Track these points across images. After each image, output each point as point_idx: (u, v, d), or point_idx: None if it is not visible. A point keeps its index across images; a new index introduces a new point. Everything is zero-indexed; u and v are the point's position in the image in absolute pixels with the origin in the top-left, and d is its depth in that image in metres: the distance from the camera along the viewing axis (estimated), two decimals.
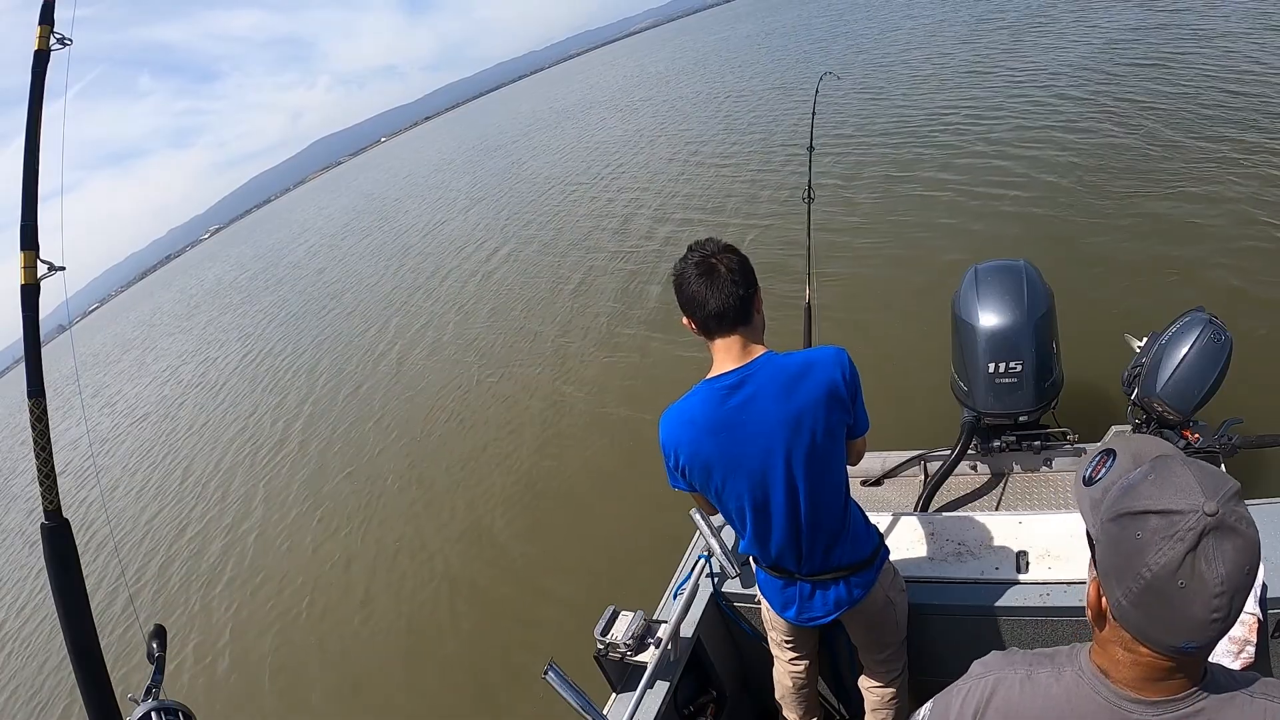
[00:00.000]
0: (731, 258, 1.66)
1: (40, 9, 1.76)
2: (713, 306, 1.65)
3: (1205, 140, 7.11)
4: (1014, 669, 1.04)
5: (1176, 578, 0.80)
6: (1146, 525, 0.82)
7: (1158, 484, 0.84)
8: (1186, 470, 0.84)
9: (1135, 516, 0.83)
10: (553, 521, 5.71)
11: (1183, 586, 0.80)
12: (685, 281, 1.67)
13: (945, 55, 15.20)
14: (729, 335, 1.68)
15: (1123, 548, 0.84)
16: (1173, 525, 0.80)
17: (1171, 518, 0.80)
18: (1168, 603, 0.82)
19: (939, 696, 1.14)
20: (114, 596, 7.61)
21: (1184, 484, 0.82)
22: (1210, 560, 0.79)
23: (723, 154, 14.25)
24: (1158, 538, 0.81)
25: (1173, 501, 0.81)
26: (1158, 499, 0.83)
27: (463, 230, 17.98)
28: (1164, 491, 0.83)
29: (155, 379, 19.85)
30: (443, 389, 9.10)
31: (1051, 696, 0.97)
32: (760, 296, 1.71)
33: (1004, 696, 1.02)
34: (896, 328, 5.98)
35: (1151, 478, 0.85)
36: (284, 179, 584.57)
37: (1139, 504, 0.84)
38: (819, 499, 1.74)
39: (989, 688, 1.04)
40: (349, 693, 4.99)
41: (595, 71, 63.24)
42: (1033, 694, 0.99)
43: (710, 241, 1.69)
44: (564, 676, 1.70)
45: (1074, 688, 0.96)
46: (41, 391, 1.69)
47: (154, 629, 1.75)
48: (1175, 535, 0.80)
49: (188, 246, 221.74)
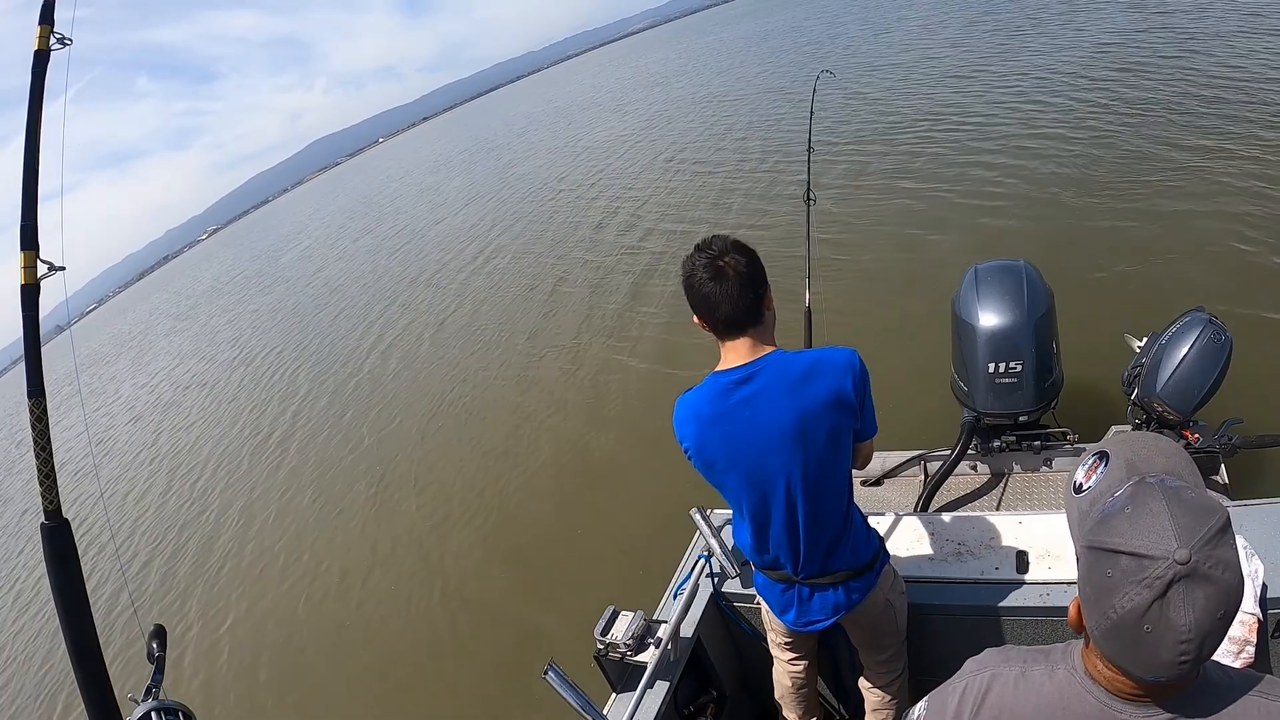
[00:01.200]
0: (740, 259, 1.62)
1: (40, 9, 1.76)
2: (724, 312, 1.63)
3: (1206, 140, 7.11)
4: (1009, 665, 1.04)
5: (1143, 623, 0.79)
6: (1117, 565, 0.81)
7: (1133, 519, 0.82)
8: (1164, 506, 0.81)
9: (1108, 554, 0.82)
10: (552, 521, 5.71)
11: (1149, 631, 0.79)
12: (695, 284, 1.64)
13: (945, 55, 15.20)
14: (740, 336, 1.67)
15: (1094, 580, 0.84)
16: (1142, 570, 0.78)
17: (1142, 562, 0.79)
18: (1135, 643, 0.81)
19: (934, 694, 1.14)
20: (114, 597, 7.60)
21: (1159, 525, 0.79)
22: (1179, 608, 0.77)
23: (721, 156, 14.27)
24: (1126, 581, 0.80)
25: (1144, 544, 0.79)
26: (1130, 539, 0.80)
27: (463, 228, 18.00)
28: (1137, 529, 0.80)
29: (155, 378, 19.83)
30: (442, 389, 9.11)
31: (1045, 694, 0.97)
32: (770, 294, 1.69)
33: (999, 693, 1.02)
34: (896, 328, 5.98)
35: (1128, 511, 0.83)
36: (282, 180, 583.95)
37: (1112, 540, 0.82)
38: (819, 502, 1.73)
39: (984, 684, 1.04)
40: (349, 692, 4.99)
41: (596, 72, 63.22)
42: (1027, 691, 0.99)
43: (718, 240, 1.65)
44: (564, 676, 1.70)
45: (1066, 686, 0.96)
46: (41, 391, 1.69)
47: (154, 629, 1.75)
48: (1144, 581, 0.78)
49: (185, 247, 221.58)
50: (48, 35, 1.74)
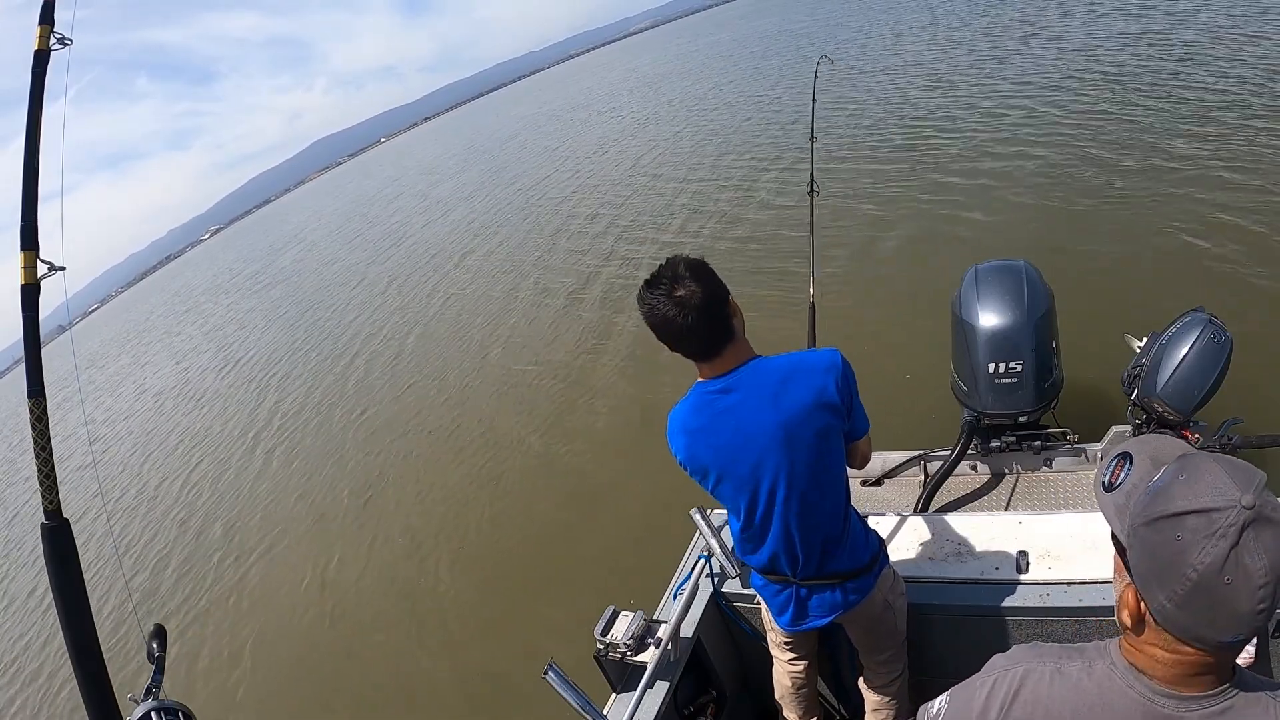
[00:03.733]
0: (696, 287, 1.55)
1: (40, 9, 1.76)
2: (694, 346, 1.63)
3: (1207, 139, 7.11)
4: (1043, 661, 1.02)
5: (1223, 574, 0.79)
6: (1185, 526, 0.81)
7: (1190, 483, 0.83)
8: (1217, 466, 0.83)
9: (1172, 519, 0.82)
10: (552, 521, 5.71)
11: (1229, 583, 0.79)
12: (660, 324, 1.59)
13: (945, 55, 15.20)
14: (718, 357, 1.66)
15: (1162, 552, 0.83)
16: (1213, 523, 0.79)
17: (1211, 515, 0.79)
18: (1215, 600, 0.80)
19: (957, 689, 1.11)
20: (115, 597, 7.60)
21: (1217, 480, 0.81)
22: (1253, 553, 0.78)
23: (723, 152, 14.26)
24: (1199, 537, 0.80)
25: (1209, 499, 0.80)
26: (1193, 499, 0.81)
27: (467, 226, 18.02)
28: (1198, 490, 0.81)
29: (154, 376, 19.86)
30: (443, 388, 9.11)
31: (1083, 690, 0.96)
32: (733, 302, 1.65)
33: (1033, 688, 1.00)
34: (896, 327, 5.98)
35: (1183, 478, 0.84)
36: (284, 179, 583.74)
37: (1174, 506, 0.82)
38: (812, 505, 1.73)
39: (1017, 679, 1.02)
40: (348, 692, 4.99)
41: (598, 72, 63.20)
42: (1064, 687, 0.98)
43: (666, 270, 1.58)
44: (564, 676, 1.70)
45: (1106, 682, 0.95)
46: (41, 391, 1.69)
47: (154, 629, 1.75)
48: (1217, 533, 0.79)
49: (188, 247, 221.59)
50: (48, 35, 1.74)
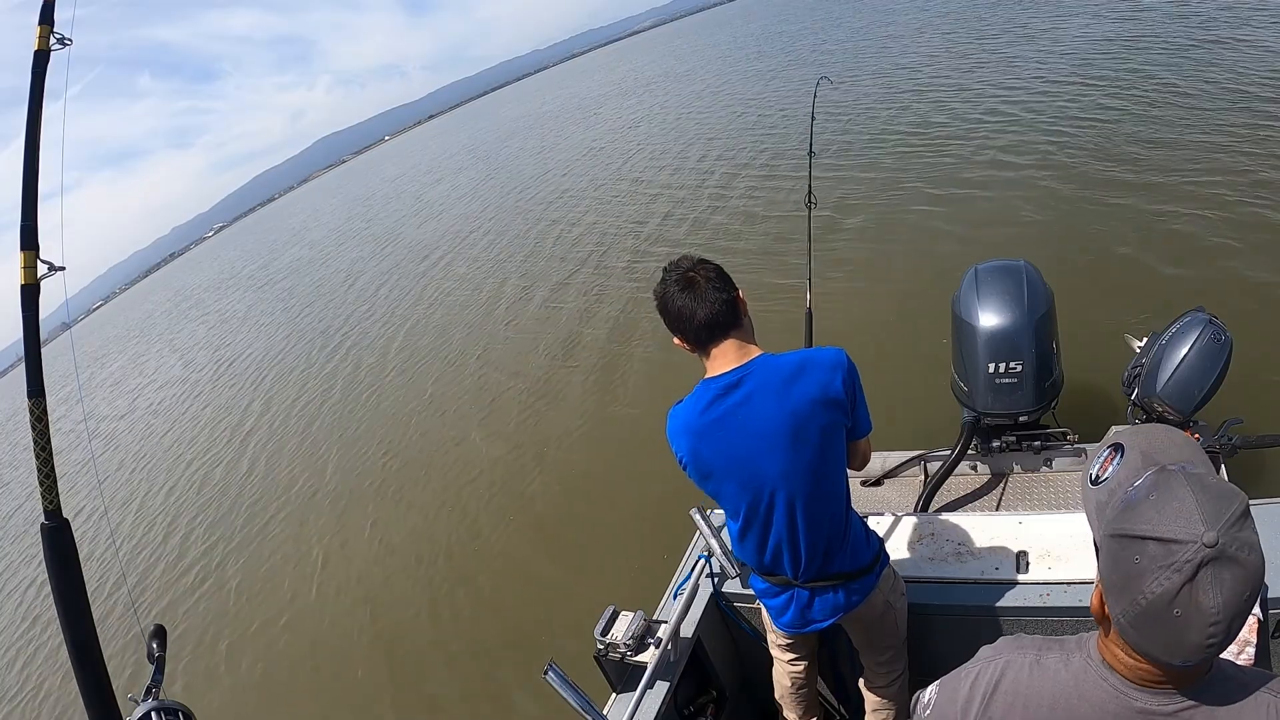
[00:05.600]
0: (707, 267, 1.70)
1: (40, 9, 1.75)
2: (701, 316, 1.66)
3: (1207, 140, 7.10)
4: (1023, 653, 1.04)
5: (1173, 607, 0.79)
6: (1145, 551, 0.81)
7: (1158, 505, 0.82)
8: (1189, 492, 0.81)
9: (1135, 540, 0.82)
10: (552, 522, 5.71)
11: (1179, 615, 0.79)
12: (669, 300, 1.69)
13: (944, 55, 15.20)
14: (723, 341, 1.69)
15: (1121, 568, 0.84)
16: (1170, 554, 0.79)
17: (1170, 546, 0.79)
18: (1164, 628, 0.81)
19: (945, 679, 1.14)
20: (115, 596, 7.60)
21: (1184, 510, 0.80)
22: (1208, 591, 0.78)
23: (726, 158, 14.26)
24: (1155, 566, 0.80)
25: (1172, 529, 0.79)
26: (1157, 524, 0.81)
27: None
28: (1164, 516, 0.81)
29: (156, 374, 19.87)
30: (442, 389, 9.12)
31: (1060, 681, 0.98)
32: (742, 297, 1.73)
33: (1013, 679, 1.02)
34: (896, 328, 5.98)
35: (1153, 498, 0.83)
36: (287, 177, 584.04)
37: (1139, 527, 0.82)
38: (816, 503, 1.73)
39: (999, 670, 1.05)
40: (348, 692, 4.99)
41: (599, 71, 63.20)
42: (1042, 678, 1.00)
43: (683, 259, 1.73)
44: (564, 676, 1.70)
45: (1081, 674, 0.97)
46: (41, 391, 1.69)
47: (154, 629, 1.75)
48: (1173, 566, 0.79)
49: (191, 244, 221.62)
50: (48, 35, 1.74)
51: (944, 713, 1.10)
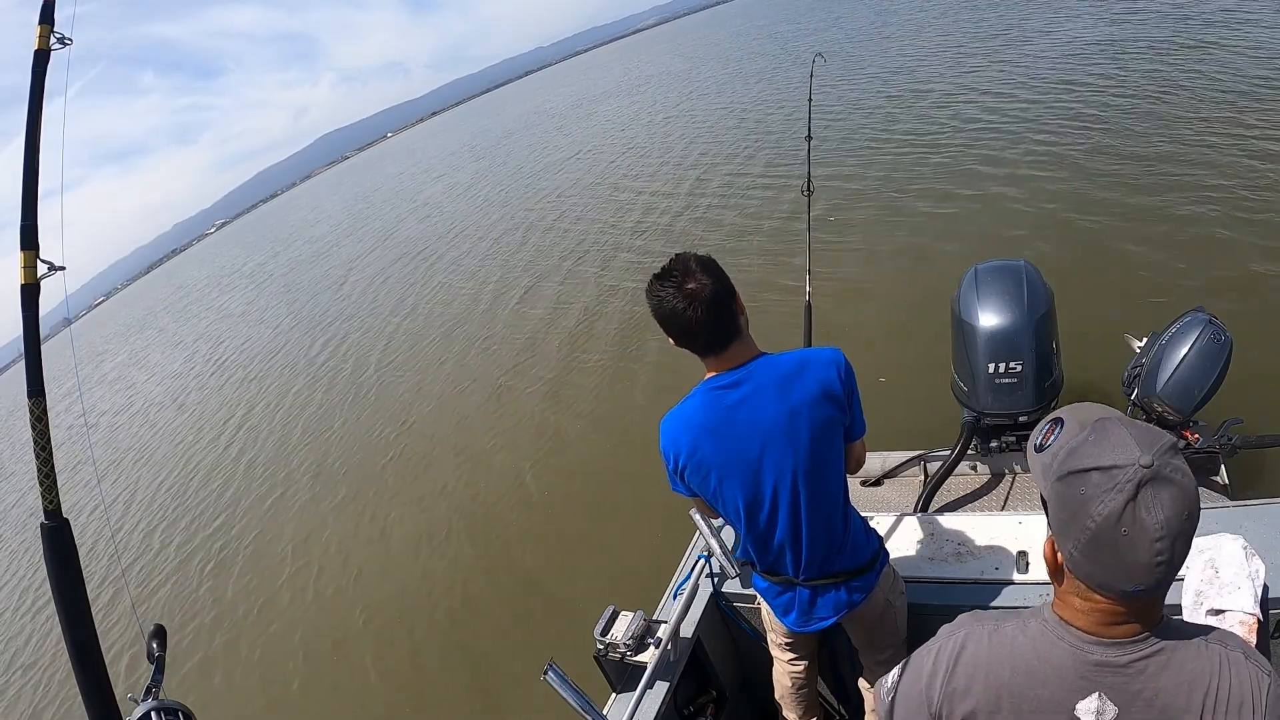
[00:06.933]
0: (706, 280, 1.60)
1: (40, 9, 1.75)
2: (704, 339, 1.65)
3: (1208, 140, 7.09)
4: (981, 625, 1.09)
5: (1120, 525, 0.86)
6: (1089, 481, 0.89)
7: (1097, 443, 0.91)
8: (1123, 429, 0.91)
9: (1079, 474, 0.90)
10: (553, 522, 5.71)
11: (1125, 534, 0.86)
12: (669, 316, 1.62)
13: (944, 56, 15.18)
14: (723, 345, 1.68)
15: (1069, 503, 0.91)
16: (1112, 479, 0.87)
17: (1111, 472, 0.87)
18: (1113, 550, 0.88)
19: (908, 660, 1.18)
20: (115, 596, 7.61)
21: (1121, 441, 0.89)
22: (1149, 508, 0.85)
23: (725, 152, 14.26)
24: (1099, 491, 0.87)
25: (1112, 457, 0.88)
26: (1098, 456, 0.89)
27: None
28: (1103, 449, 0.90)
29: (156, 373, 19.87)
30: (441, 390, 9.12)
31: (1018, 646, 1.03)
32: (739, 299, 1.69)
33: (973, 650, 1.07)
34: (896, 328, 5.98)
35: (1092, 438, 0.92)
36: (290, 174, 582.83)
37: (1082, 463, 0.90)
38: (817, 501, 1.73)
39: (959, 643, 1.09)
40: (348, 692, 4.99)
41: (601, 70, 63.14)
42: (1000, 645, 1.05)
43: (677, 264, 1.63)
44: (564, 676, 1.70)
45: (1039, 637, 1.01)
46: (41, 391, 1.69)
47: (154, 629, 1.74)
48: (1115, 487, 0.86)
49: (193, 241, 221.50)
50: (48, 35, 1.73)
51: (908, 691, 1.14)
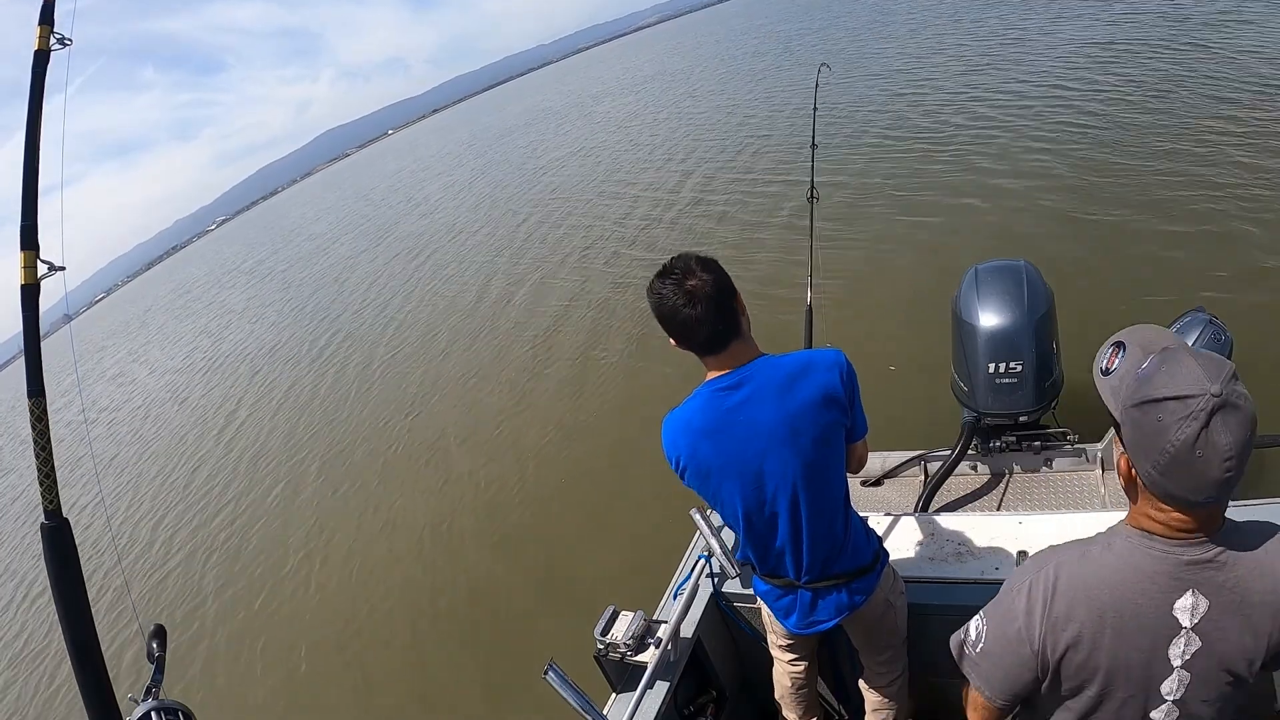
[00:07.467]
0: (707, 277, 1.60)
1: (40, 9, 1.74)
2: (704, 336, 1.64)
3: (1208, 141, 7.08)
4: (1067, 553, 1.18)
5: (1195, 449, 0.96)
6: (1165, 409, 0.98)
7: (1170, 372, 0.99)
8: (1192, 360, 0.99)
9: (1155, 404, 0.99)
10: (553, 521, 5.71)
11: (1200, 455, 0.96)
12: (667, 313, 1.62)
13: (945, 55, 15.16)
14: (724, 346, 1.67)
15: (1146, 429, 1.00)
16: (1187, 407, 0.96)
17: (1186, 401, 0.96)
18: (1189, 470, 0.98)
19: (989, 608, 1.25)
20: (116, 596, 7.60)
21: (1191, 372, 0.97)
22: (1220, 432, 0.95)
23: (726, 155, 14.26)
24: (1175, 419, 0.97)
25: (1185, 388, 0.97)
26: (1172, 387, 0.98)
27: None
28: (1176, 380, 0.98)
29: (157, 368, 19.88)
30: (442, 388, 9.12)
31: (1108, 564, 1.12)
32: (741, 299, 1.69)
33: (1069, 575, 1.14)
34: (896, 328, 5.98)
35: (1164, 369, 1.00)
36: (291, 170, 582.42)
37: (1157, 392, 0.99)
38: (818, 504, 1.73)
39: (1053, 573, 1.15)
40: (347, 692, 5.00)
41: (603, 67, 63.08)
42: (1094, 564, 1.13)
43: (679, 262, 1.63)
44: (564, 676, 1.70)
45: (1126, 551, 1.11)
46: (41, 391, 1.68)
47: (154, 629, 1.74)
48: (1190, 415, 0.96)
49: (194, 237, 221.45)
50: (48, 35, 1.73)
51: (1003, 633, 1.19)
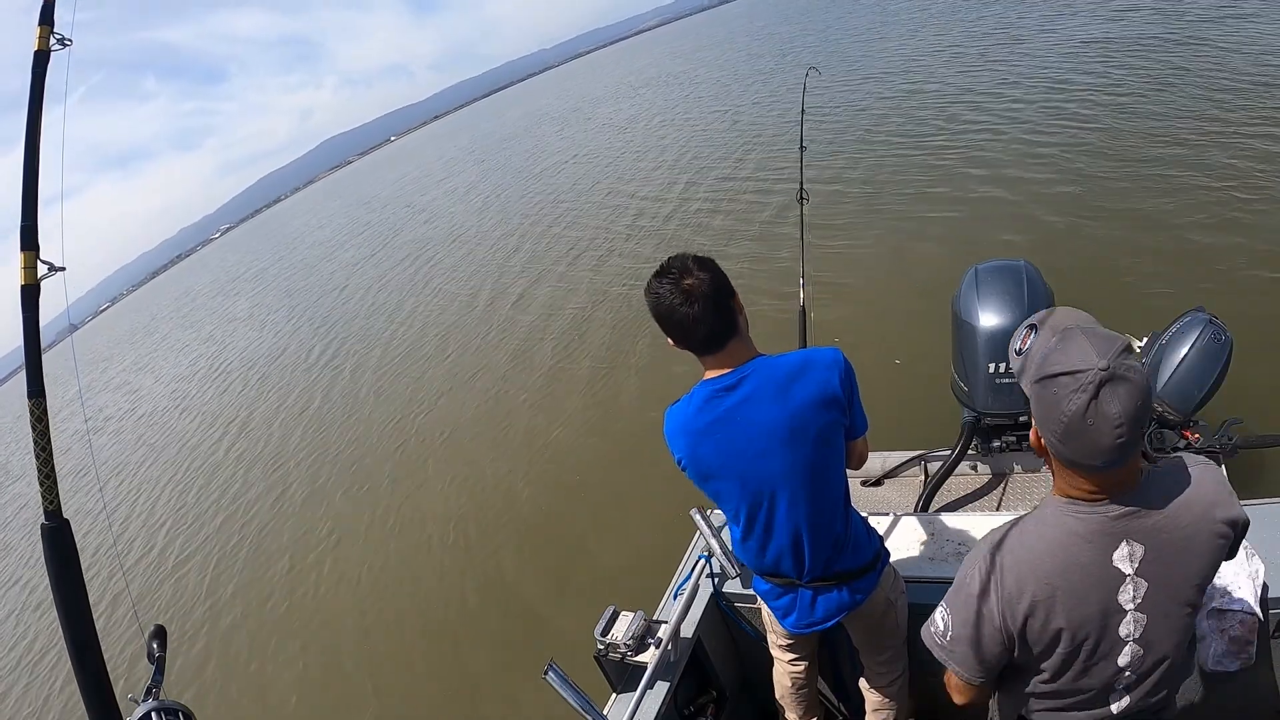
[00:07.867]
0: (704, 276, 1.61)
1: (40, 9, 1.75)
2: (701, 335, 1.64)
3: (1207, 141, 7.08)
4: (1000, 532, 1.28)
5: (1086, 418, 1.06)
6: (1059, 384, 1.08)
7: (1063, 351, 1.10)
8: (1085, 339, 1.09)
9: (1051, 379, 1.09)
10: (552, 521, 5.71)
11: (1091, 424, 1.06)
12: (664, 312, 1.63)
13: (945, 55, 15.17)
14: (722, 345, 1.67)
15: (1046, 402, 1.11)
16: (1077, 381, 1.06)
17: (1076, 375, 1.06)
18: (1084, 437, 1.08)
19: (948, 597, 1.35)
20: (116, 597, 7.61)
21: (1082, 349, 1.08)
22: (1109, 401, 1.05)
23: (717, 157, 14.28)
24: (1068, 391, 1.07)
25: (1075, 363, 1.07)
26: (1064, 363, 1.08)
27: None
28: (1068, 357, 1.08)
29: (161, 377, 19.89)
30: (441, 392, 9.12)
31: (1043, 533, 1.22)
32: (739, 299, 1.69)
33: (1010, 550, 1.24)
34: (897, 328, 5.97)
35: (1059, 347, 1.11)
36: (293, 178, 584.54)
37: (1052, 368, 1.09)
38: (818, 503, 1.73)
39: (997, 553, 1.25)
40: (345, 691, 4.99)
41: (603, 70, 63.22)
42: (1033, 535, 1.23)
43: (676, 261, 1.64)
44: (564, 677, 1.70)
45: (1055, 517, 1.21)
46: (42, 392, 1.68)
47: (154, 629, 1.74)
48: (1080, 388, 1.06)
49: (198, 246, 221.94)
50: (47, 36, 1.73)
51: (966, 619, 1.28)
